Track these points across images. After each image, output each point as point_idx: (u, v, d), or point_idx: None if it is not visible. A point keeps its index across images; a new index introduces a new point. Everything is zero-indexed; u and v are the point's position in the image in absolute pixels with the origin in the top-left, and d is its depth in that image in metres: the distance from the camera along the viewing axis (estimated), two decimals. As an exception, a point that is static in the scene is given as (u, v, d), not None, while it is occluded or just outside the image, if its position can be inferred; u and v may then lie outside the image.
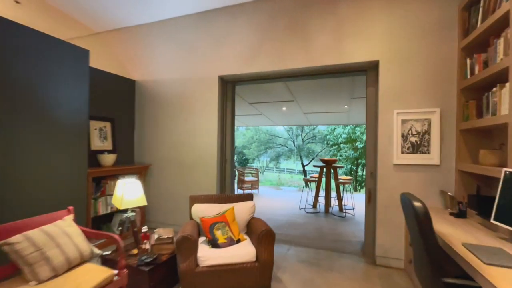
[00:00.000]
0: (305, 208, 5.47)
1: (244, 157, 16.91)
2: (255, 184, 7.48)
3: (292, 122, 8.31)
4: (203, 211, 2.38)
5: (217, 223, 2.20)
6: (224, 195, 2.66)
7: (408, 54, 2.49)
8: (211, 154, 3.38)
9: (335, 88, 4.17)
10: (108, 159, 3.24)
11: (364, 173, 12.02)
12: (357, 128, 10.52)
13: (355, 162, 11.19)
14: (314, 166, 5.59)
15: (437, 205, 2.41)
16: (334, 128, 11.96)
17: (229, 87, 3.51)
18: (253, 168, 7.96)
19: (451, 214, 2.11)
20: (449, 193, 2.29)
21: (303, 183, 14.90)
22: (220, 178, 3.46)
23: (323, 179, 5.55)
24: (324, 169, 5.53)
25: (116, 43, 3.99)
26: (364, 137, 10.22)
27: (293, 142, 14.92)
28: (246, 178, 7.32)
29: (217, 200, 2.60)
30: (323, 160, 5.44)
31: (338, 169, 5.44)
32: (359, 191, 10.35)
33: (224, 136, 3.50)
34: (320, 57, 2.81)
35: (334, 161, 5.42)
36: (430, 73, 2.42)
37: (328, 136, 12.34)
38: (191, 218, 2.45)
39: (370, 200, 2.78)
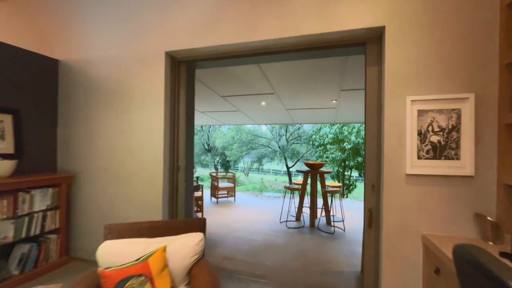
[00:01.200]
0: (286, 221, 4.69)
1: (226, 159, 16.01)
2: (231, 191, 6.62)
3: (275, 120, 7.55)
4: (117, 253, 1.50)
5: (132, 278, 1.33)
6: (162, 222, 1.79)
7: (426, 17, 1.75)
8: (156, 160, 2.49)
9: (322, 75, 3.43)
10: (2, 167, 2.26)
11: (353, 175, 11.50)
12: (345, 128, 9.95)
13: (342, 164, 10.63)
14: (298, 171, 4.84)
15: (469, 234, 1.68)
16: (320, 128, 11.36)
17: (183, 69, 2.63)
18: (228, 172, 7.09)
19: (502, 254, 1.38)
20: (489, 218, 1.57)
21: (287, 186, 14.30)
22: (170, 192, 2.57)
23: (308, 186, 4.80)
24: (310, 175, 4.77)
25: (33, 9, 2.99)
26: (352, 137, 9.65)
27: (277, 142, 14.22)
28: (221, 184, 6.44)
29: (148, 230, 1.72)
30: (308, 164, 4.68)
31: (325, 174, 4.71)
32: (347, 197, 9.80)
33: (175, 136, 2.62)
34: (300, 24, 2.02)
35: (321, 165, 4.67)
36: (459, 44, 1.70)
37: (313, 136, 11.70)
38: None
39: (371, 223, 2.02)
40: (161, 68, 2.48)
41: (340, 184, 4.95)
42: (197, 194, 4.89)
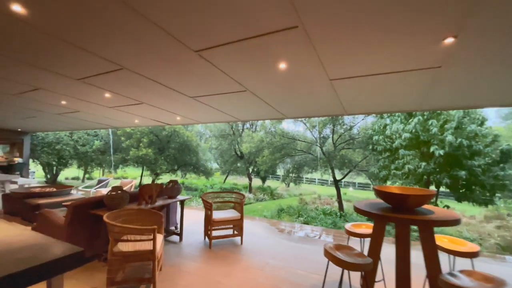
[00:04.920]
0: None
1: (257, 168, 13.66)
2: (237, 225, 4.07)
3: (313, 111, 4.82)
4: None
5: None
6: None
7: None
8: None
9: None
10: None
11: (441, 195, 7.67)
12: (432, 121, 6.35)
13: (424, 179, 6.99)
14: (359, 211, 2.02)
15: None
16: (386, 125, 7.99)
17: None
18: (233, 192, 4.53)
19: None
20: None
21: (341, 205, 10.87)
22: None
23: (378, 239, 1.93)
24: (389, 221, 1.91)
25: None
26: (448, 136, 5.91)
27: (320, 147, 11.16)
28: (219, 215, 3.94)
29: None
30: (385, 194, 1.83)
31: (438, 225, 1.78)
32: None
33: None
34: None
35: (423, 199, 1.78)
36: None
37: (375, 138, 8.30)
38: None
39: None
40: None
41: (479, 248, 1.94)
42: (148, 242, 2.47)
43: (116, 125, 8.01)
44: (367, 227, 2.60)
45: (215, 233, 3.92)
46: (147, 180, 17.09)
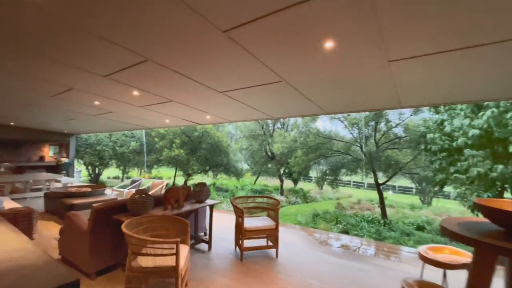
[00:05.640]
0: None
1: (289, 169, 13.02)
2: (271, 235, 3.60)
3: (359, 104, 4.13)
4: None
5: None
6: None
7: None
8: None
9: None
10: None
11: None
12: (510, 113, 5.13)
13: (497, 187, 5.72)
14: (454, 236, 1.42)
15: None
16: (442, 120, 6.80)
17: None
18: (269, 197, 4.04)
19: None
20: None
21: (384, 211, 9.77)
22: None
23: None
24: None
25: None
26: None
27: (361, 147, 10.15)
28: (251, 223, 3.51)
29: None
30: (497, 213, 1.20)
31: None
32: None
33: None
34: None
35: None
36: None
37: (430, 136, 7.12)
38: None
39: None
40: None
41: None
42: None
43: (148, 125, 8.11)
44: (452, 252, 1.94)
45: (247, 243, 3.50)
46: (180, 180, 17.50)
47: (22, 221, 3.68)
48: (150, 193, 6.79)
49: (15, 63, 3.12)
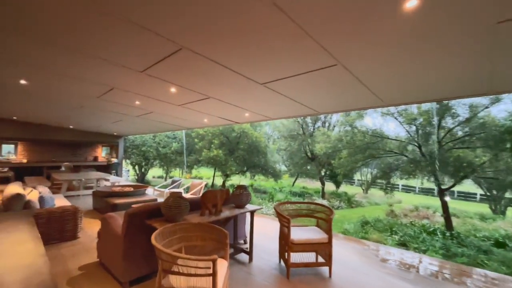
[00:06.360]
0: None
1: (331, 171, 12.04)
2: (323, 250, 3.03)
3: (437, 92, 3.28)
4: None
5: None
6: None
7: None
8: None
9: None
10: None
11: None
12: None
13: None
14: None
15: None
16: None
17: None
18: (316, 204, 3.45)
19: None
20: None
21: (449, 221, 8.28)
22: None
23: None
24: None
25: None
26: None
27: (419, 147, 8.77)
28: (298, 234, 2.99)
29: None
30: None
31: None
32: None
33: None
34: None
35: None
36: None
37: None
38: None
39: None
40: None
41: None
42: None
43: (187, 125, 8.13)
44: None
45: (294, 256, 3.00)
46: (219, 180, 17.69)
47: (68, 220, 3.74)
48: (189, 193, 6.74)
49: (64, 64, 3.15)
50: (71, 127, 9.96)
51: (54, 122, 9.21)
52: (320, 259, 3.11)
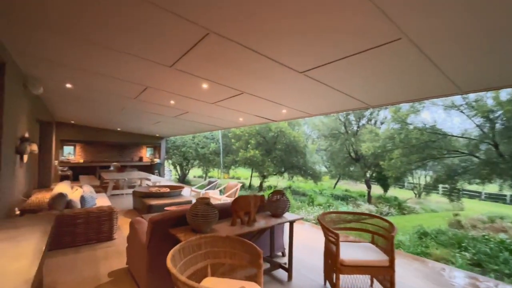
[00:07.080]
0: None
1: (382, 172, 10.73)
2: (381, 275, 2.42)
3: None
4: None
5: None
6: None
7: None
8: None
9: None
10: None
11: None
12: None
13: None
14: None
15: None
16: None
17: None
18: (372, 216, 2.80)
19: None
20: None
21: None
22: None
23: None
24: None
25: None
26: None
27: (494, 145, 7.20)
28: (348, 253, 2.42)
29: None
30: None
31: None
32: None
33: None
34: None
35: None
36: None
37: None
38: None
39: None
40: None
41: None
42: None
43: (223, 125, 7.98)
44: None
45: (343, 279, 2.45)
46: (256, 181, 17.46)
47: (104, 220, 3.74)
48: (225, 195, 6.52)
49: (98, 61, 3.13)
50: (118, 129, 10.67)
51: (104, 125, 9.93)
52: (377, 285, 2.50)
